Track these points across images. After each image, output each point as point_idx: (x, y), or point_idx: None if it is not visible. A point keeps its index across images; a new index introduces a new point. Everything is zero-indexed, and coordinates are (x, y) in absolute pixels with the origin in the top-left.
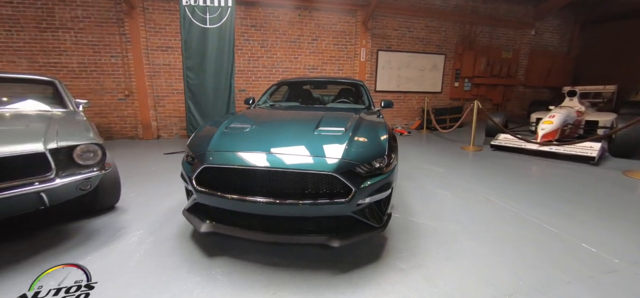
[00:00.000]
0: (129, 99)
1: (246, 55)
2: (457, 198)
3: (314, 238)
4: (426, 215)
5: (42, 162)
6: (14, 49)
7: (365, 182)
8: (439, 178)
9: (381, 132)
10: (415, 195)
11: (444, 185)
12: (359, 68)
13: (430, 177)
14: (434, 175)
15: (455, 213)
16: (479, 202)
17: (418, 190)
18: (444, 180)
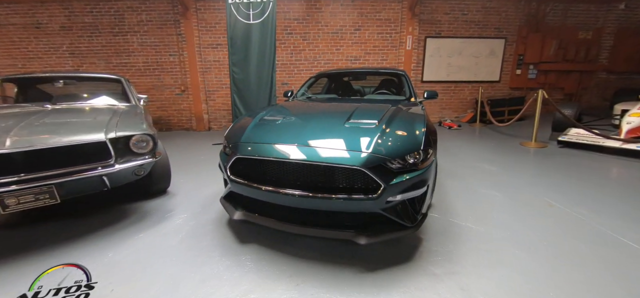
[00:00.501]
0: (185, 94)
1: (289, 48)
2: (509, 200)
3: (340, 234)
4: (470, 217)
5: (104, 150)
6: (94, 51)
7: (397, 178)
8: (491, 177)
9: (418, 124)
10: (460, 195)
11: (495, 186)
12: (404, 57)
13: (479, 176)
14: (485, 174)
15: (505, 218)
16: (537, 207)
17: (464, 190)
18: (496, 180)
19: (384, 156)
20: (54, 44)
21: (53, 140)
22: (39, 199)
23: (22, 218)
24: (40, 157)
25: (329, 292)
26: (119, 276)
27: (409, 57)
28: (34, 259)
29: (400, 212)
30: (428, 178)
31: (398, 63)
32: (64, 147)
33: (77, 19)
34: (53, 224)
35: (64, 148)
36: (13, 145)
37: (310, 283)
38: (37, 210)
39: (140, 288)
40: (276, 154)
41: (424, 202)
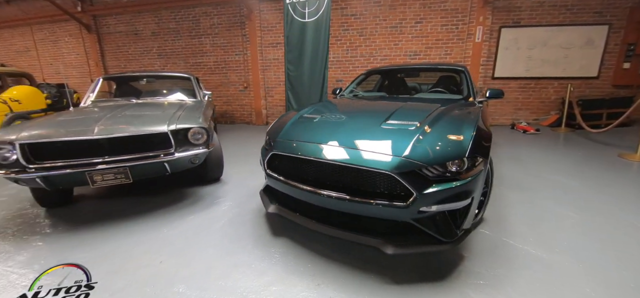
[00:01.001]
0: (247, 90)
1: (345, 45)
2: (588, 224)
3: (366, 240)
4: (531, 239)
5: (166, 140)
6: (176, 53)
7: (433, 187)
8: (568, 193)
9: (467, 128)
10: (523, 210)
11: (572, 204)
12: (472, 51)
13: (553, 191)
14: (561, 189)
15: (577, 245)
16: (628, 237)
17: (529, 206)
18: (576, 197)
19: (419, 161)
20: (147, 47)
21: (128, 130)
22: (117, 178)
23: (108, 191)
24: (119, 144)
25: (349, 297)
26: (167, 250)
27: (478, 50)
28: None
29: (436, 224)
30: (473, 190)
31: (464, 58)
32: (135, 136)
33: (164, 25)
34: (127, 200)
35: (135, 137)
36: (99, 133)
37: (331, 285)
38: (116, 187)
39: (181, 264)
40: (307, 153)
41: (466, 216)
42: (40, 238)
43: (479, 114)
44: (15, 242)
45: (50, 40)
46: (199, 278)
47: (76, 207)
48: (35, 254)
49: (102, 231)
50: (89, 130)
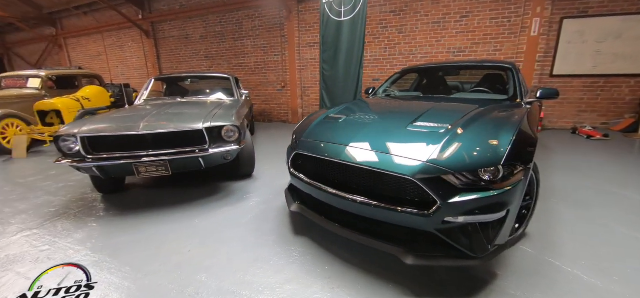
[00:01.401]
0: (284, 90)
1: (383, 43)
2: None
3: (386, 246)
4: (583, 262)
5: (201, 137)
6: (221, 54)
7: (460, 196)
8: (636, 211)
9: (505, 132)
10: (577, 229)
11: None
12: (526, 46)
13: (618, 208)
14: (629, 206)
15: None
16: None
17: (585, 223)
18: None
19: (445, 167)
20: (195, 50)
21: (168, 126)
22: (158, 170)
23: (153, 182)
24: (161, 139)
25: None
26: (197, 240)
27: (533, 45)
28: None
29: (463, 237)
30: (509, 202)
31: (517, 54)
32: (174, 132)
33: (211, 29)
34: (168, 190)
35: (174, 133)
36: (144, 129)
37: (346, 290)
38: (159, 178)
39: (206, 254)
40: (328, 154)
41: (500, 231)
42: (95, 220)
43: (524, 116)
44: (75, 221)
45: (117, 45)
46: (220, 270)
47: (126, 194)
48: (90, 234)
49: (145, 217)
50: (136, 126)
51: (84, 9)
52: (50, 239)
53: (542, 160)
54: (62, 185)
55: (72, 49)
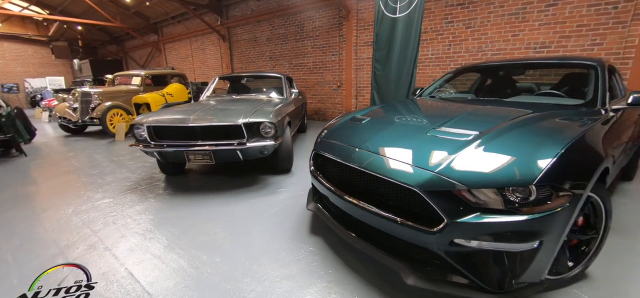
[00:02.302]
0: (340, 89)
1: (447, 39)
2: None
3: (387, 260)
4: None
5: (240, 131)
6: (283, 55)
7: (472, 216)
8: None
9: (549, 146)
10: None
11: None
12: (639, 39)
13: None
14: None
15: None
16: None
17: None
18: None
19: (457, 181)
20: (262, 51)
21: (212, 121)
22: (204, 159)
23: (207, 169)
24: (208, 131)
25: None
26: (224, 224)
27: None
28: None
29: (478, 265)
30: (544, 232)
31: (625, 49)
32: (216, 126)
33: (276, 31)
34: (217, 177)
35: (217, 126)
36: (192, 122)
37: (342, 294)
38: (212, 166)
39: (227, 238)
40: (339, 155)
41: (528, 265)
42: (154, 196)
43: (592, 127)
44: (140, 195)
45: (200, 49)
46: (234, 254)
47: (184, 177)
48: (147, 207)
49: (191, 198)
50: (187, 119)
51: (178, 18)
52: (119, 208)
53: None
54: (141, 165)
55: (168, 53)
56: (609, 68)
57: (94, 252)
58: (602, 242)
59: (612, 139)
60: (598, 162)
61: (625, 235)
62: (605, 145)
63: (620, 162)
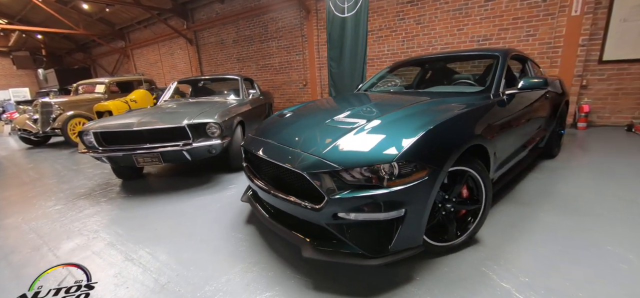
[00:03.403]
0: (306, 88)
1: (400, 36)
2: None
3: (291, 235)
4: (525, 278)
5: (185, 132)
6: (250, 57)
7: (347, 192)
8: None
9: (415, 129)
10: (550, 241)
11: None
12: (566, 28)
13: (624, 221)
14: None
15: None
16: None
17: (566, 236)
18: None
19: (334, 163)
20: (229, 53)
21: (156, 124)
22: (153, 161)
23: (165, 171)
24: (154, 134)
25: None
26: (169, 221)
27: (575, 27)
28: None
29: (359, 235)
30: (407, 202)
31: (555, 38)
32: (160, 129)
33: (241, 33)
34: (173, 179)
35: (161, 129)
36: (136, 125)
37: (257, 275)
38: (171, 168)
39: (167, 234)
40: (257, 149)
41: (398, 231)
42: (106, 200)
43: (470, 111)
44: (92, 200)
45: (169, 53)
46: (172, 246)
47: (142, 181)
48: (97, 210)
49: (142, 200)
50: (132, 123)
51: (144, 23)
52: (69, 213)
53: (564, 162)
54: (99, 172)
55: (137, 59)
56: (520, 58)
57: (36, 253)
58: (485, 212)
59: (501, 121)
60: (462, 141)
61: (528, 205)
62: (483, 126)
63: (519, 141)
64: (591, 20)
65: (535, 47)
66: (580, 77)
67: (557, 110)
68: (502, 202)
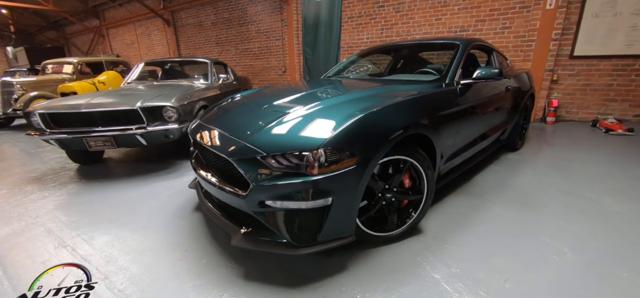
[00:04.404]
0: (285, 74)
1: (379, 23)
2: (584, 269)
3: (224, 223)
4: (456, 269)
5: (138, 116)
6: (229, 40)
7: (273, 179)
8: (600, 222)
9: (345, 116)
10: (490, 231)
11: (595, 241)
12: (540, 22)
13: (573, 214)
14: (591, 215)
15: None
16: None
17: (505, 228)
18: (610, 229)
19: (259, 148)
20: (207, 36)
21: (106, 106)
22: (105, 144)
23: (126, 156)
24: (106, 117)
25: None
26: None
27: (548, 21)
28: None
29: (286, 224)
30: (333, 191)
31: (529, 31)
32: (111, 111)
33: (220, 15)
34: (134, 165)
35: (113, 111)
36: (84, 107)
37: (189, 263)
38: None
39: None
40: (195, 133)
41: (324, 220)
42: (55, 186)
43: (415, 99)
44: (41, 185)
45: (146, 34)
46: (114, 231)
47: (101, 165)
48: (44, 194)
49: (94, 186)
50: (81, 104)
51: (119, 1)
52: (13, 198)
53: (525, 155)
54: (57, 156)
55: (112, 39)
56: (484, 48)
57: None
58: (427, 203)
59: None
60: (397, 130)
61: (480, 197)
62: (427, 115)
63: (474, 132)
64: (565, 15)
65: (510, 40)
66: (552, 72)
67: (521, 104)
68: (456, 193)
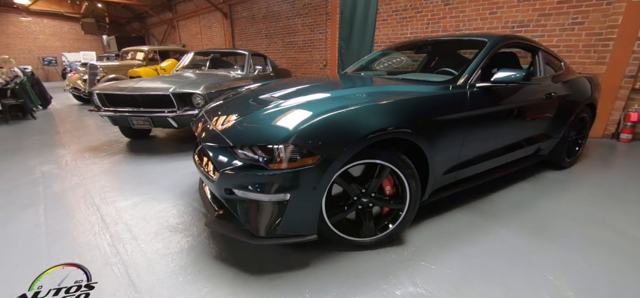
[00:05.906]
0: (325, 68)
1: (425, 17)
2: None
3: (208, 203)
4: (422, 290)
5: (170, 100)
6: (277, 33)
7: (233, 167)
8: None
9: (315, 114)
10: (482, 253)
11: (582, 273)
12: (623, 17)
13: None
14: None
15: None
16: None
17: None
18: (609, 252)
19: (227, 138)
20: (259, 29)
21: (146, 90)
22: (144, 124)
23: (170, 135)
24: (147, 99)
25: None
26: (135, 180)
27: (635, 15)
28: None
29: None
30: (291, 187)
31: (606, 29)
32: (148, 95)
33: (271, 8)
34: (171, 143)
35: (149, 95)
36: (128, 90)
37: (181, 240)
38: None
39: (127, 192)
40: (194, 123)
41: (284, 214)
42: (107, 154)
43: (391, 103)
44: (96, 153)
45: (207, 26)
46: (133, 197)
47: (147, 141)
48: (95, 160)
49: (139, 158)
50: (126, 88)
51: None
52: (72, 160)
53: (570, 175)
54: (116, 130)
55: (181, 30)
56: (526, 46)
57: (34, 188)
58: (409, 214)
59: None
60: (370, 133)
61: (491, 217)
62: (416, 120)
63: (493, 143)
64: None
65: (581, 38)
66: (634, 79)
67: (572, 115)
68: (462, 208)
